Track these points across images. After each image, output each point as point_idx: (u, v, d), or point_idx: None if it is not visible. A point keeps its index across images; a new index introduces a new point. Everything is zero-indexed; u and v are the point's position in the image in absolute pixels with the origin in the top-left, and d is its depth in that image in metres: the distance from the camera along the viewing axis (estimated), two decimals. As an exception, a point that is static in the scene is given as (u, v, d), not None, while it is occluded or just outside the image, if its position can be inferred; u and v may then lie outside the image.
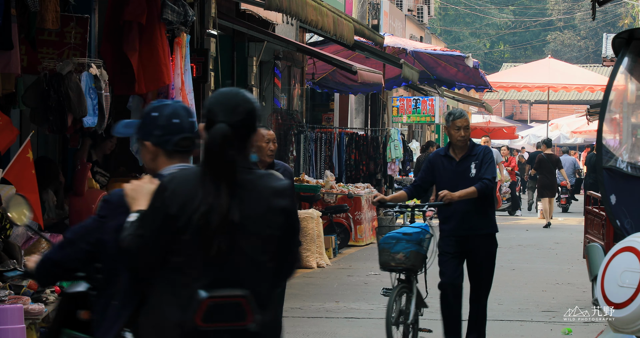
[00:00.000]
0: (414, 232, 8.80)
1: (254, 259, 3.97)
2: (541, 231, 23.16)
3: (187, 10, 10.40)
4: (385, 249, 8.79)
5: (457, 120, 9.01)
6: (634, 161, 6.47)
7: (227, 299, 3.90)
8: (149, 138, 4.31)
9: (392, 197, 9.41)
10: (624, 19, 52.21)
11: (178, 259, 3.94)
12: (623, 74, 6.56)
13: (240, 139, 4.03)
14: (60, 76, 8.91)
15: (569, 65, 33.14)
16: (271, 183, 4.07)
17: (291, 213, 4.09)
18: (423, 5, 37.64)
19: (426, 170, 9.26)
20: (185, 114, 4.36)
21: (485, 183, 8.90)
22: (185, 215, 3.92)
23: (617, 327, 5.39)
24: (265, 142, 8.41)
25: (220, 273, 3.93)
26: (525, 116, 59.83)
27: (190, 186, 3.96)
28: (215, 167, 3.96)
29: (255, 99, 4.14)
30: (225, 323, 3.89)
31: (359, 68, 19.01)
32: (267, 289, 4.01)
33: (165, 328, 3.92)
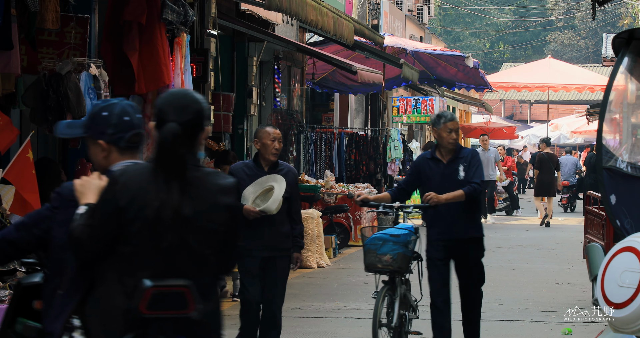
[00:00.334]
0: (402, 234, 8.67)
1: (197, 252, 4.20)
2: (541, 231, 23.16)
3: (187, 10, 10.41)
4: (372, 250, 8.62)
5: (449, 123, 8.87)
6: (634, 161, 6.47)
7: (171, 288, 4.11)
8: (102, 137, 4.48)
9: (376, 197, 9.21)
10: (624, 19, 52.22)
11: (125, 249, 4.15)
12: (623, 74, 6.56)
13: (189, 138, 4.24)
14: (60, 76, 8.91)
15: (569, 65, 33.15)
16: (217, 181, 4.30)
17: (235, 210, 4.34)
18: (423, 5, 37.64)
19: (412, 174, 9.14)
20: (133, 111, 4.54)
21: (474, 186, 8.77)
22: (134, 207, 4.14)
23: (617, 327, 5.39)
24: (271, 140, 8.33)
25: (165, 264, 4.15)
26: (525, 116, 59.83)
27: (140, 180, 4.19)
28: (167, 164, 4.18)
29: (203, 99, 4.36)
30: (168, 311, 4.11)
31: (359, 68, 19.00)
32: (209, 280, 4.25)
33: (112, 315, 4.12)
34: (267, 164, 8.40)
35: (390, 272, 8.63)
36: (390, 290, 8.64)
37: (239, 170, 8.40)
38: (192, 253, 4.19)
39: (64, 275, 4.40)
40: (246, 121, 17.24)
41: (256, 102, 17.27)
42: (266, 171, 8.38)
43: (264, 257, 8.31)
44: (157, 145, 4.21)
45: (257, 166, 8.39)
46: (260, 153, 8.43)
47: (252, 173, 8.35)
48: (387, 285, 8.63)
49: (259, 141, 8.40)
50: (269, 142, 8.34)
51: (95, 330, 4.18)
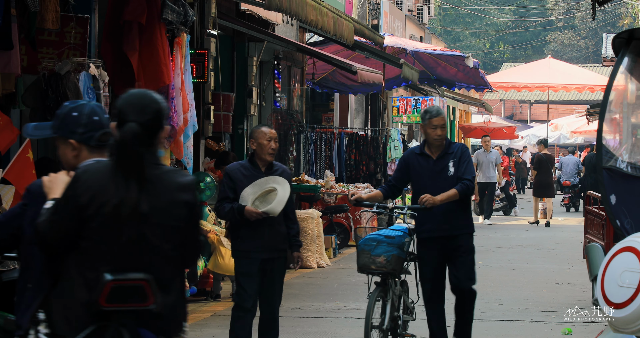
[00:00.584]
0: (396, 235, 8.56)
1: (157, 247, 4.37)
2: (541, 231, 23.17)
3: (187, 10, 10.41)
4: (365, 251, 8.52)
5: (433, 119, 8.73)
6: (634, 161, 6.47)
7: (130, 282, 4.26)
8: (73, 136, 4.68)
9: (369, 196, 9.03)
10: (624, 19, 52.23)
11: (87, 244, 4.32)
12: (623, 74, 6.55)
13: (149, 137, 4.42)
14: (59, 76, 8.91)
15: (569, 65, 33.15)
16: (176, 178, 4.46)
17: (194, 206, 4.48)
18: (423, 5, 37.64)
19: (401, 169, 8.97)
20: (101, 111, 4.75)
21: (466, 184, 8.64)
22: (94, 204, 4.31)
23: (617, 327, 5.39)
24: (267, 140, 8.29)
25: (125, 258, 4.32)
26: (525, 116, 59.84)
27: (101, 178, 4.35)
28: (126, 163, 4.34)
29: (162, 99, 4.54)
30: (128, 304, 4.26)
31: (359, 68, 19.00)
32: (169, 274, 4.40)
33: (74, 308, 4.29)
34: (263, 164, 8.33)
35: (383, 274, 8.53)
36: (383, 292, 8.54)
37: (236, 171, 8.30)
38: (152, 248, 4.35)
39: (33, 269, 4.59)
40: (246, 121, 17.24)
41: (256, 102, 17.27)
42: (263, 172, 8.31)
43: (263, 259, 8.25)
44: (116, 144, 4.37)
45: (254, 167, 8.31)
46: (256, 153, 8.33)
47: (249, 173, 8.28)
48: (380, 287, 8.54)
49: (255, 142, 8.34)
50: (265, 142, 8.29)
51: (59, 322, 4.32)
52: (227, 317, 11.14)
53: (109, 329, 4.26)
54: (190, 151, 11.13)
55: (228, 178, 8.32)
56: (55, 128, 4.73)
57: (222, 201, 8.28)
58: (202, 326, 10.59)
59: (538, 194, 24.81)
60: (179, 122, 10.52)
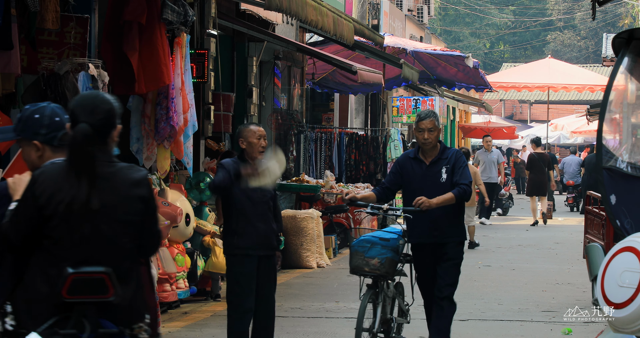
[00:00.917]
0: (391, 238, 8.45)
1: (114, 241, 4.58)
2: (541, 231, 23.17)
3: (187, 10, 10.40)
4: (359, 252, 8.42)
5: (420, 122, 8.59)
6: (634, 161, 6.47)
7: (90, 275, 4.48)
8: (36, 138, 4.86)
9: (363, 196, 8.84)
10: (624, 19, 52.24)
11: (48, 242, 4.55)
12: (623, 74, 6.55)
13: (101, 136, 4.61)
14: (58, 76, 8.91)
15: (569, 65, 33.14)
16: (130, 175, 4.66)
17: (149, 200, 4.69)
18: (423, 5, 37.64)
19: (395, 173, 8.79)
20: (62, 113, 4.91)
21: (463, 188, 8.45)
22: (52, 204, 4.52)
23: (617, 327, 5.39)
24: (257, 138, 8.24)
25: (84, 253, 4.53)
26: (525, 116, 59.85)
27: (57, 178, 4.56)
28: (77, 162, 4.54)
29: (114, 100, 4.72)
30: (89, 296, 4.48)
31: (359, 68, 19.00)
32: (127, 266, 4.62)
33: (37, 301, 4.51)
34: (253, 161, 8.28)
35: (376, 276, 8.43)
36: (374, 295, 8.44)
37: (230, 166, 8.20)
38: (109, 242, 4.56)
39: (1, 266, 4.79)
40: (246, 121, 17.23)
41: (256, 102, 17.27)
42: None
43: (260, 256, 8.22)
44: (68, 145, 4.58)
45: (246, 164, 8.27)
46: (246, 152, 8.27)
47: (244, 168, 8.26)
48: (371, 289, 8.44)
49: (244, 141, 8.27)
50: (255, 140, 8.25)
51: (23, 315, 4.54)
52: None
53: (71, 320, 4.47)
54: (190, 151, 11.13)
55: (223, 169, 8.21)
56: (18, 130, 4.89)
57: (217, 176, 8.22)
58: (202, 326, 10.59)
59: (531, 193, 24.88)
60: (179, 122, 10.52)
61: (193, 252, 11.92)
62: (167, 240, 11.28)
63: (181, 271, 11.37)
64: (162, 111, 10.44)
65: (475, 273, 14.99)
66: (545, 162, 24.86)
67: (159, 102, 10.47)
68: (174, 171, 12.51)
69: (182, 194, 11.88)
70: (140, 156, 10.56)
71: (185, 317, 11.14)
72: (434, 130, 8.56)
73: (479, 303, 12.29)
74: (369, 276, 8.44)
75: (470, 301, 12.32)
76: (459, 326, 10.74)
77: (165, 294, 10.98)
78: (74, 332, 4.46)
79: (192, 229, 11.75)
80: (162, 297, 10.79)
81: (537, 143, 25.73)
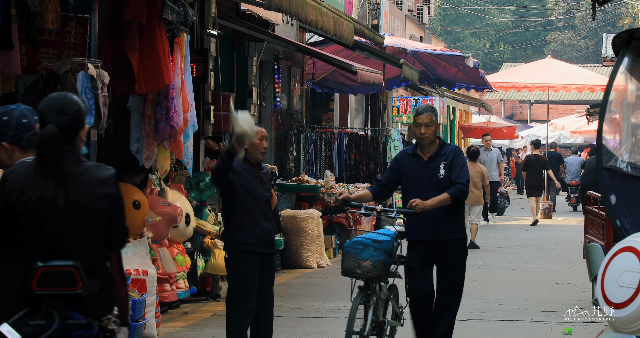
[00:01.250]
0: (384, 240, 8.28)
1: (82, 237, 4.77)
2: (541, 231, 23.17)
3: (187, 10, 10.40)
4: (352, 254, 8.27)
5: (418, 117, 8.44)
6: (634, 161, 6.47)
7: (60, 268, 4.67)
8: (4, 139, 5.05)
9: (357, 196, 8.67)
10: (624, 19, 52.24)
11: (18, 238, 4.73)
12: (623, 74, 6.55)
13: (69, 137, 4.80)
14: (57, 76, 8.91)
15: (569, 65, 33.11)
16: (97, 174, 4.85)
17: (116, 198, 4.90)
18: (423, 5, 37.65)
19: (393, 169, 8.60)
20: (30, 114, 5.10)
21: (459, 187, 8.26)
22: (21, 202, 4.71)
23: (617, 327, 5.39)
24: (259, 139, 8.23)
25: (53, 248, 4.71)
26: (525, 116, 59.87)
27: (26, 177, 4.74)
28: (44, 162, 4.71)
29: (81, 101, 4.93)
30: (57, 288, 4.67)
31: (359, 68, 19.00)
32: (95, 261, 4.80)
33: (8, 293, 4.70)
34: (255, 162, 8.32)
35: (368, 278, 8.28)
36: (366, 297, 8.30)
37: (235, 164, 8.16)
38: (77, 237, 4.75)
39: None
40: (246, 121, 17.22)
41: (256, 102, 17.27)
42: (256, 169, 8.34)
43: (262, 254, 8.22)
44: (36, 145, 4.76)
45: (250, 165, 8.28)
46: (248, 152, 8.24)
47: (247, 167, 8.24)
48: (363, 292, 8.30)
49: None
50: (257, 141, 8.24)
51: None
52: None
53: (40, 312, 4.65)
54: (190, 151, 11.13)
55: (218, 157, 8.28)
56: None
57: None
58: (202, 326, 10.59)
59: (530, 194, 25.24)
60: (179, 122, 10.52)
61: (193, 252, 11.92)
62: (167, 240, 11.28)
63: (181, 271, 11.37)
64: (162, 111, 10.44)
65: (475, 273, 15.00)
66: (541, 164, 25.10)
67: (159, 102, 10.47)
68: (174, 171, 12.51)
69: (182, 194, 11.88)
70: (140, 156, 10.56)
71: (185, 317, 11.14)
72: (431, 125, 8.39)
73: (479, 303, 12.29)
74: (361, 278, 8.30)
75: (470, 301, 12.32)
76: (459, 326, 10.73)
77: (165, 294, 10.98)
78: (44, 323, 4.63)
79: (192, 229, 11.74)
80: (162, 297, 10.79)
81: (537, 145, 25.91)
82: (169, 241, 11.31)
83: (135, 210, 10.36)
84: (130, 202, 10.31)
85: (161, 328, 10.19)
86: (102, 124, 9.35)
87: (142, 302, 9.40)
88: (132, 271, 9.56)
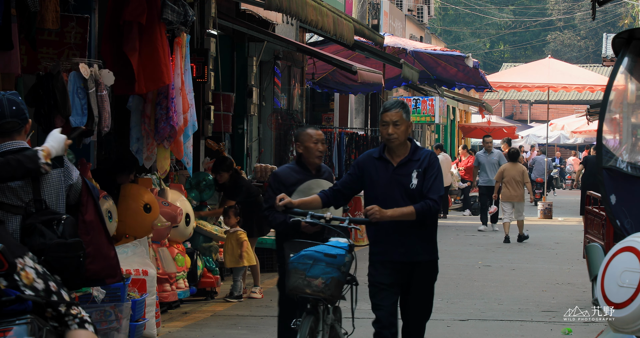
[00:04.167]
0: (338, 254, 6.94)
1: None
2: (541, 231, 23.16)
3: (187, 10, 10.40)
4: (300, 271, 6.88)
5: (384, 113, 7.17)
6: (634, 161, 6.47)
7: None
8: None
9: (302, 202, 7.35)
10: (624, 19, 52.24)
11: None
12: (623, 74, 6.55)
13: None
14: (51, 76, 8.92)
15: (569, 65, 33.09)
16: None
17: None
18: (423, 5, 37.65)
19: (353, 174, 7.30)
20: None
21: (429, 204, 7.06)
22: None
23: (617, 327, 5.39)
24: (314, 142, 7.98)
25: None
26: (525, 116, 59.90)
27: None
28: None
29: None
30: None
31: (359, 68, 19.00)
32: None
33: None
34: (312, 167, 7.99)
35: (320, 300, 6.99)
36: (314, 322, 7.02)
37: (287, 174, 7.90)
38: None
39: None
40: (246, 121, 17.24)
41: (256, 102, 17.28)
42: (313, 174, 8.00)
43: None
44: None
45: (304, 170, 7.97)
46: (303, 156, 7.98)
47: (301, 176, 7.88)
48: (312, 316, 7.01)
49: (301, 145, 7.97)
50: (312, 145, 7.96)
51: None
52: (227, 316, 11.17)
53: None
54: (190, 151, 11.13)
55: (278, 183, 7.86)
56: None
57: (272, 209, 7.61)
58: (202, 326, 10.59)
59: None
60: (179, 122, 10.52)
61: (193, 252, 11.92)
62: (167, 240, 11.28)
63: (181, 271, 11.37)
64: (162, 111, 10.44)
65: (475, 273, 15.00)
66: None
67: (159, 102, 10.47)
68: (174, 171, 12.51)
69: (182, 194, 11.88)
70: (140, 156, 10.56)
71: (185, 317, 11.14)
72: (400, 124, 7.12)
73: (479, 303, 12.29)
74: (308, 299, 6.96)
75: (470, 301, 12.33)
76: (459, 326, 10.75)
77: (165, 294, 10.98)
78: None
79: (192, 229, 11.75)
80: (162, 297, 10.78)
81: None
82: (169, 241, 11.31)
83: (146, 213, 10.36)
84: (142, 205, 10.31)
85: (161, 328, 10.19)
86: (96, 124, 9.30)
87: (142, 302, 9.39)
88: (132, 271, 9.55)
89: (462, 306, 11.99)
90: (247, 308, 11.77)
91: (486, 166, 23.02)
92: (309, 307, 7.01)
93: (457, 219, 26.41)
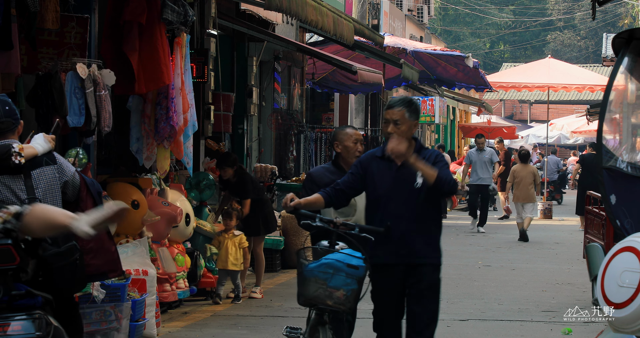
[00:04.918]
0: (360, 265, 6.60)
1: None
2: (541, 231, 23.15)
3: (187, 10, 10.40)
4: (320, 280, 6.55)
5: (387, 110, 6.97)
6: (634, 161, 6.47)
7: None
8: None
9: (307, 202, 7.04)
10: (624, 19, 52.26)
11: None
12: (623, 74, 6.56)
13: None
14: (49, 76, 8.93)
15: (569, 65, 33.09)
16: None
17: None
18: (423, 5, 37.65)
19: (355, 174, 7.05)
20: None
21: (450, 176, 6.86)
22: None
23: (617, 327, 5.39)
24: (353, 142, 7.86)
25: None
26: (525, 116, 59.89)
27: None
28: None
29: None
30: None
31: (359, 68, 19.00)
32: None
33: None
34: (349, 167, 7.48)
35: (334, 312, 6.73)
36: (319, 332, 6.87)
37: (322, 175, 7.74)
38: None
39: None
40: (246, 121, 17.24)
41: (256, 102, 17.28)
42: None
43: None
44: None
45: (340, 171, 7.77)
46: (341, 156, 7.83)
47: (336, 177, 7.45)
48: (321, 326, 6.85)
49: (339, 144, 7.82)
50: (352, 144, 7.83)
51: None
52: (227, 316, 11.17)
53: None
54: (190, 151, 11.13)
55: (311, 183, 7.70)
56: None
57: None
58: (202, 326, 10.59)
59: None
60: (179, 122, 10.52)
61: (193, 252, 11.91)
62: (167, 239, 11.28)
63: (181, 271, 11.36)
64: (162, 111, 10.44)
65: (475, 273, 15.00)
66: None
67: (159, 102, 10.47)
68: (174, 171, 12.50)
69: (182, 194, 11.88)
70: (140, 156, 10.56)
71: (185, 317, 11.14)
72: (401, 123, 6.90)
73: (479, 303, 12.29)
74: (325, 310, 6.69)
75: (470, 301, 12.33)
76: (459, 326, 10.75)
77: (165, 294, 10.98)
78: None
79: (192, 229, 11.74)
80: (162, 297, 10.78)
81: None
82: (169, 241, 11.31)
83: (135, 210, 10.36)
84: (129, 202, 10.31)
85: (161, 328, 10.19)
86: (94, 124, 9.29)
87: (142, 302, 9.39)
88: (132, 271, 9.55)
89: (462, 306, 11.99)
90: (247, 308, 11.77)
91: (477, 164, 22.55)
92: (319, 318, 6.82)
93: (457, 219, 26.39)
